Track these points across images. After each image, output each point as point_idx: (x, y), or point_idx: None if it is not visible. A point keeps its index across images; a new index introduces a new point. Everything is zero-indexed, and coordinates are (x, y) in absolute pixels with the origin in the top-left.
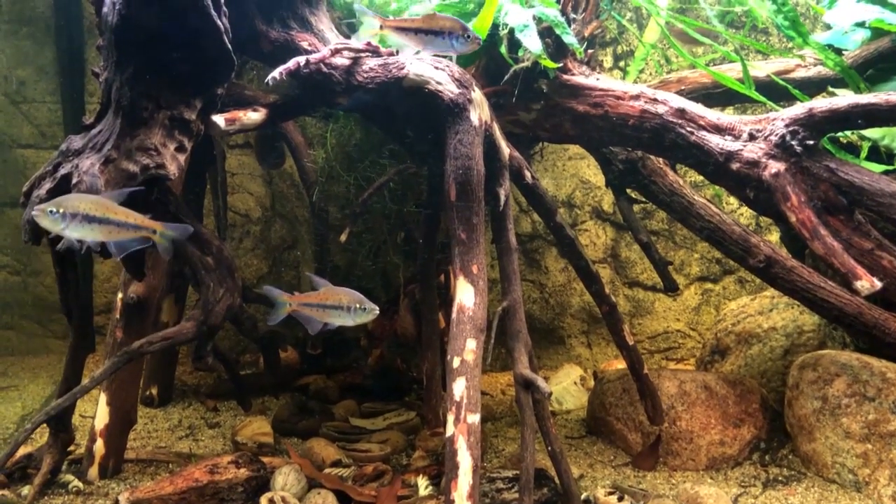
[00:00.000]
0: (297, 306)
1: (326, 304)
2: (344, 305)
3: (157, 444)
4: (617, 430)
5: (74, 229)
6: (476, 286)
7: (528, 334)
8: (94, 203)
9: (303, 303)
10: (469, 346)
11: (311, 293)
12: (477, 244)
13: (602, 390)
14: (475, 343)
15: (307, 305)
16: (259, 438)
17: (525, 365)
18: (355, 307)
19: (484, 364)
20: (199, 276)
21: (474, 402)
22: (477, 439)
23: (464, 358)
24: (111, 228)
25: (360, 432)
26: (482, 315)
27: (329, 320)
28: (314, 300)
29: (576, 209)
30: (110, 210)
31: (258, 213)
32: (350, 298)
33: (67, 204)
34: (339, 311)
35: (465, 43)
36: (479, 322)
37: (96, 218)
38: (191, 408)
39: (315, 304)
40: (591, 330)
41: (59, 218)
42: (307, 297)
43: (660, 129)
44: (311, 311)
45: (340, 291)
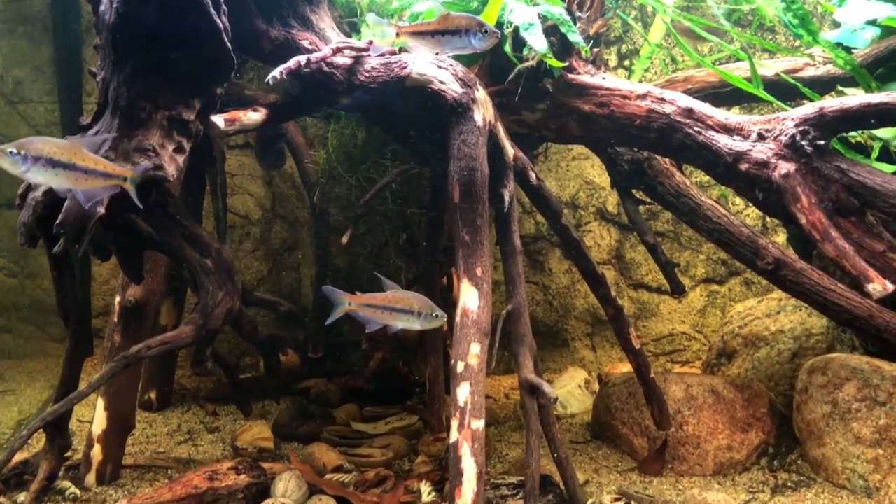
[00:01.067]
0: (357, 306)
1: (395, 307)
2: (414, 310)
3: (156, 450)
4: (622, 435)
5: (37, 173)
6: (480, 289)
7: (533, 337)
8: (59, 147)
9: (365, 304)
10: (473, 351)
11: (375, 294)
12: (481, 246)
13: (607, 394)
14: (479, 347)
15: (370, 307)
16: (259, 443)
17: (530, 369)
18: (427, 313)
19: (488, 368)
20: (198, 279)
21: (479, 408)
22: (481, 445)
23: (468, 362)
24: (77, 175)
25: (361, 437)
26: (486, 319)
27: (395, 323)
28: (380, 302)
29: (580, 210)
30: (77, 155)
31: (258, 215)
32: (421, 304)
33: (30, 146)
34: (407, 316)
35: (484, 38)
36: (483, 326)
37: (61, 163)
38: (190, 412)
39: (381, 306)
40: (596, 332)
41: (19, 160)
42: (371, 299)
43: (667, 129)
44: (374, 312)
45: (411, 296)
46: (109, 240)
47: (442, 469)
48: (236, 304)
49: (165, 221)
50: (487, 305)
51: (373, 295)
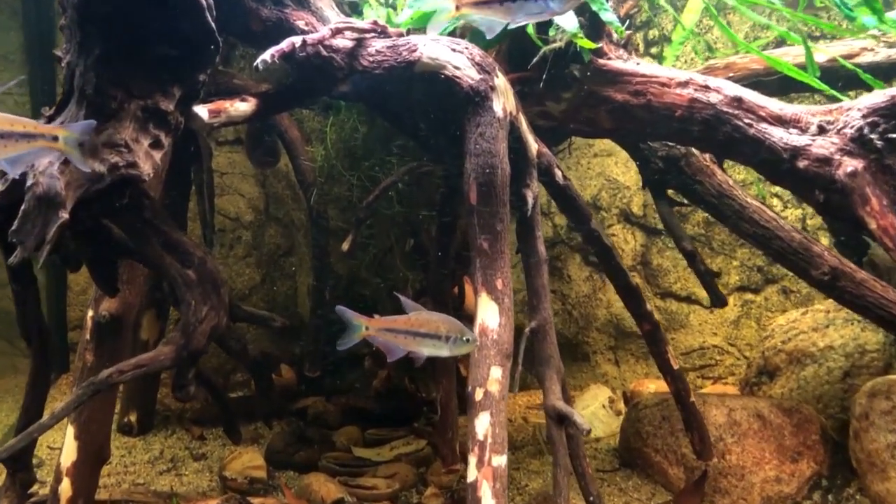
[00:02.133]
0: (375, 331)
1: (420, 331)
2: (442, 335)
3: (135, 481)
4: (655, 464)
5: None
6: (501, 304)
7: (560, 358)
8: None
9: (385, 328)
10: (494, 376)
11: (396, 317)
12: (501, 255)
13: (637, 417)
14: (500, 372)
15: (391, 331)
16: (250, 472)
17: (557, 395)
18: (456, 337)
19: (509, 392)
20: (179, 292)
21: (500, 442)
22: (504, 486)
23: (488, 389)
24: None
25: (363, 465)
26: (508, 338)
27: (420, 350)
28: (401, 326)
29: (602, 212)
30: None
31: (250, 217)
32: (449, 327)
33: None
34: (434, 341)
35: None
36: (504, 346)
37: None
38: (174, 436)
39: (403, 330)
40: (619, 345)
41: None
42: (391, 322)
43: (713, 122)
44: (395, 337)
45: (437, 318)
46: (77, 248)
47: (455, 502)
48: (223, 321)
49: (141, 227)
50: (509, 323)
51: (393, 318)
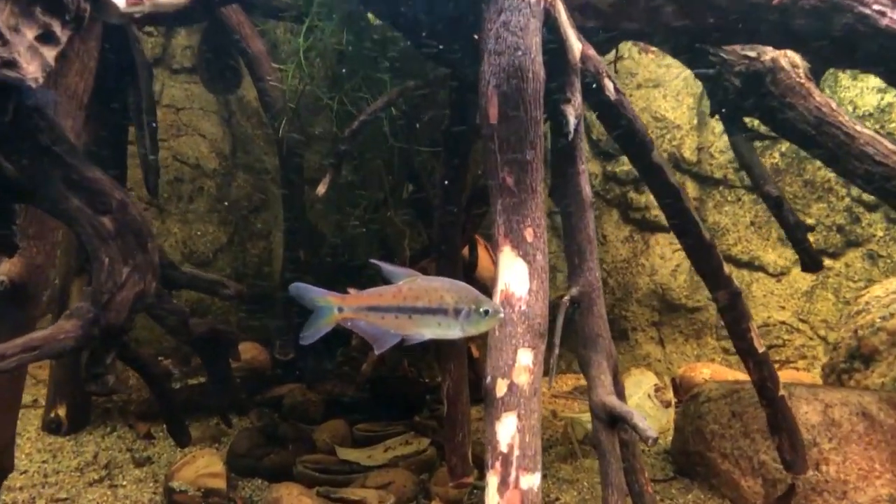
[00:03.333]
0: (352, 312)
1: (417, 306)
2: (448, 308)
3: (54, 497)
4: (722, 473)
5: None
6: (531, 262)
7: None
8: None
9: (366, 306)
10: (522, 362)
11: (382, 290)
12: (531, 194)
13: (699, 413)
14: (531, 356)
15: (376, 310)
16: (205, 482)
17: (608, 388)
18: (469, 310)
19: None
20: (90, 247)
21: (532, 455)
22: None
23: (514, 381)
24: None
25: (350, 471)
26: (542, 310)
27: (418, 332)
28: (390, 301)
29: None
30: None
31: (213, 164)
32: (458, 296)
33: None
34: (438, 318)
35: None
36: (536, 322)
37: None
38: (114, 435)
39: (393, 307)
40: (665, 321)
41: None
42: (375, 298)
43: (824, 10)
44: (383, 318)
45: (439, 285)
46: None
47: None
48: (150, 286)
49: (36, 156)
50: (543, 289)
51: (377, 291)
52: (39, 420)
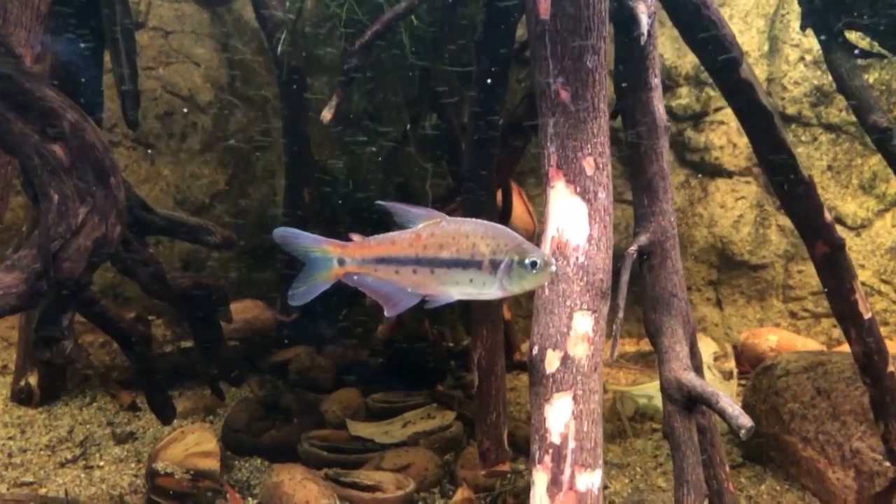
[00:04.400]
0: (357, 265)
1: (442, 257)
2: (484, 259)
3: (18, 479)
4: (804, 460)
5: None
6: (591, 201)
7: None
8: None
9: (376, 258)
10: (579, 328)
11: (394, 237)
12: (593, 113)
13: (773, 388)
14: (591, 321)
15: (388, 262)
16: (195, 463)
17: (684, 361)
18: (511, 262)
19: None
20: (37, 181)
21: (591, 447)
22: None
23: (567, 353)
24: None
25: (364, 450)
26: (604, 262)
27: (443, 290)
28: (406, 250)
29: (707, 89)
30: None
31: (208, 96)
32: (496, 243)
33: None
34: (468, 272)
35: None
36: (598, 277)
37: None
38: (94, 406)
39: (411, 258)
40: (724, 279)
41: None
42: (386, 247)
43: None
44: (397, 273)
45: (470, 229)
46: None
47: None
48: (114, 231)
49: None
50: (606, 236)
51: (390, 238)
52: (8, 389)
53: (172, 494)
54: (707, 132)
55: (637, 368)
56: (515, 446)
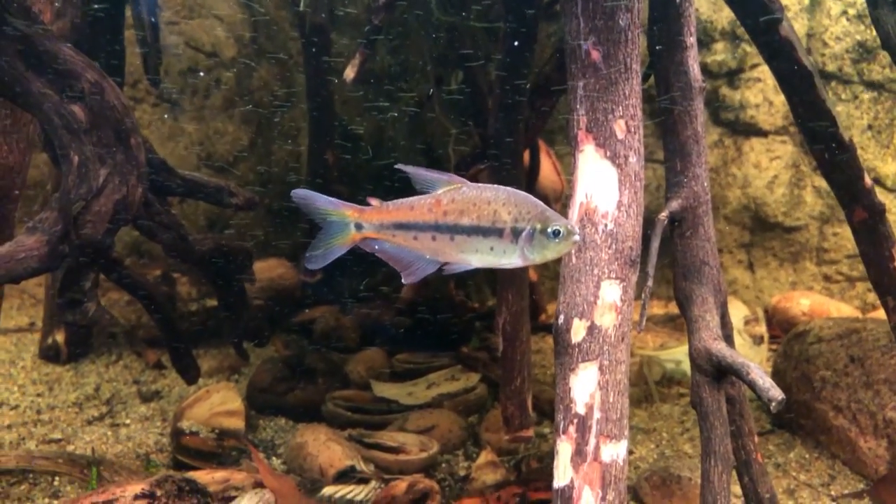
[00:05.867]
0: (377, 230)
1: (462, 224)
2: (505, 226)
3: (46, 436)
4: (835, 429)
5: None
6: (622, 165)
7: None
8: None
9: (395, 223)
10: (607, 297)
11: (413, 202)
12: (625, 73)
13: (805, 354)
14: (619, 290)
15: (407, 229)
16: (220, 422)
17: (714, 331)
18: (534, 231)
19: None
20: (58, 142)
21: (617, 418)
22: (622, 498)
23: (594, 322)
24: None
25: (388, 410)
26: (634, 229)
27: (465, 257)
28: (427, 216)
29: (743, 44)
30: None
31: (232, 51)
32: (518, 210)
33: None
34: (492, 240)
35: None
36: (627, 245)
37: None
38: (120, 364)
39: (430, 224)
40: (757, 242)
41: None
42: (405, 212)
43: None
44: (415, 239)
45: (492, 195)
46: None
47: (520, 484)
48: (135, 192)
49: None
50: (637, 202)
51: (409, 203)
52: (36, 346)
53: (198, 453)
54: (743, 89)
55: (665, 332)
56: (540, 410)
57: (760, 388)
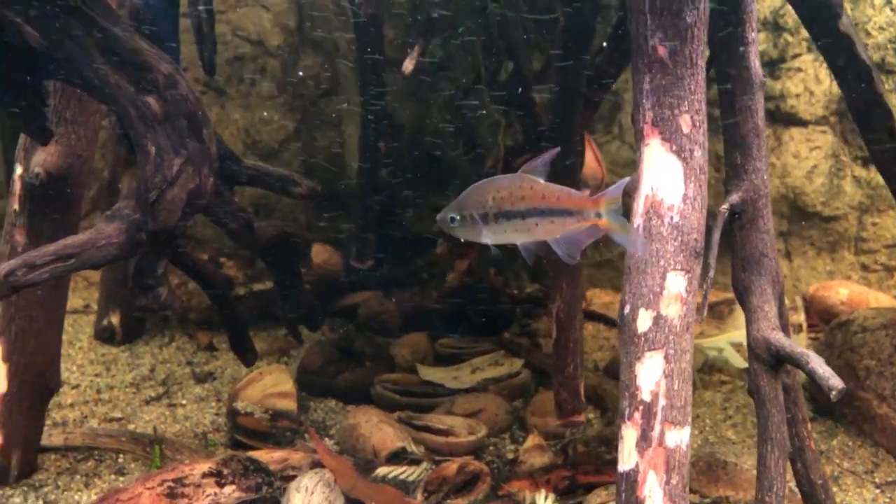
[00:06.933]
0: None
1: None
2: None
3: (107, 415)
4: (878, 417)
5: None
6: (687, 159)
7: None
8: None
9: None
10: (673, 288)
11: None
12: (691, 69)
13: (849, 344)
14: (684, 281)
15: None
16: (274, 403)
17: (773, 321)
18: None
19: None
20: (133, 133)
21: (681, 405)
22: (685, 481)
23: (660, 312)
24: None
25: (434, 394)
26: (699, 222)
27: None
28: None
29: (784, 34)
30: None
31: (278, 40)
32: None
33: None
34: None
35: None
36: (692, 237)
37: None
38: (172, 346)
39: None
40: (795, 230)
41: None
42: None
43: None
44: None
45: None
46: None
47: (568, 468)
48: (207, 182)
49: (65, 19)
50: (701, 195)
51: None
52: (92, 327)
53: (253, 433)
54: (784, 79)
55: (706, 319)
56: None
57: (820, 377)
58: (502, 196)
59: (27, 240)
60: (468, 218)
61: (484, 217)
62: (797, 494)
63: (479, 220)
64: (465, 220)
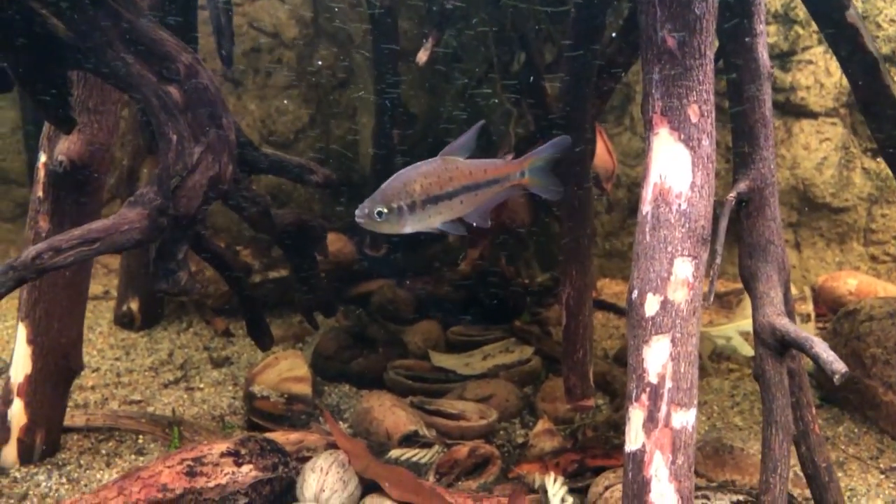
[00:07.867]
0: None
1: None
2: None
3: (127, 398)
4: (884, 405)
5: None
6: (695, 148)
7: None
8: None
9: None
10: (680, 274)
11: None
12: (700, 60)
13: (856, 333)
14: (692, 267)
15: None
16: (289, 387)
17: (778, 307)
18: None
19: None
20: (155, 121)
21: (687, 387)
22: (690, 462)
23: (668, 297)
24: None
25: (446, 380)
26: (706, 209)
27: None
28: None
29: (795, 26)
30: None
31: (293, 32)
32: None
33: None
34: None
35: None
36: (699, 224)
37: None
38: (190, 331)
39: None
40: (805, 222)
41: None
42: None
43: None
44: None
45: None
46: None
47: (577, 451)
48: (227, 170)
49: (88, 9)
50: (709, 183)
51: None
52: (112, 313)
53: (269, 416)
54: (794, 71)
55: (713, 309)
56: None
57: (824, 362)
58: (430, 182)
59: (51, 226)
60: (395, 210)
61: (412, 206)
62: (802, 479)
63: (405, 210)
64: (392, 212)
